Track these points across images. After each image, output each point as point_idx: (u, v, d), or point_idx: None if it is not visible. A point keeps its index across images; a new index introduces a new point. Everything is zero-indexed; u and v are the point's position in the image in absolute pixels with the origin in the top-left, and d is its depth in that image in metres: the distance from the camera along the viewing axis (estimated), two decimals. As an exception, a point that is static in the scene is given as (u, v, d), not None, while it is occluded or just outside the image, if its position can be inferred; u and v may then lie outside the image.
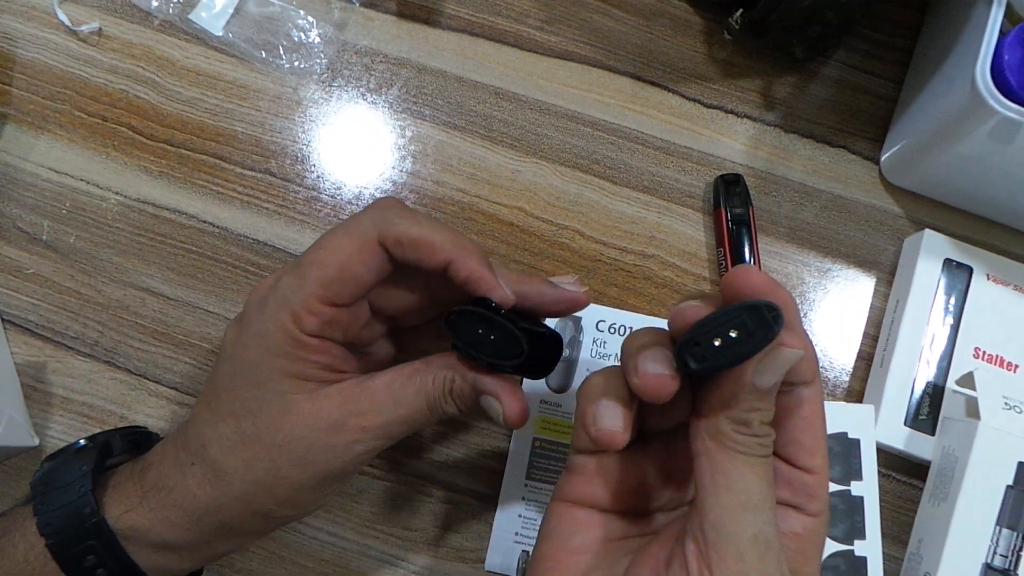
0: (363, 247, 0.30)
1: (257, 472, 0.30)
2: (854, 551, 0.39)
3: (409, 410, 0.30)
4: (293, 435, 0.30)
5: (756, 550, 0.24)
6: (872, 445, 0.40)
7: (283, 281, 0.30)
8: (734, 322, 0.24)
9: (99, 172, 0.45)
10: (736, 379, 0.25)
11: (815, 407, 0.27)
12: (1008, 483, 0.38)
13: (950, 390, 0.43)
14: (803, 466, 0.27)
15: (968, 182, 0.44)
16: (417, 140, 0.47)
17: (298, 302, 0.29)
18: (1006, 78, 0.37)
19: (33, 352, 0.43)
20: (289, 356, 0.30)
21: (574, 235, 0.46)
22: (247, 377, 0.30)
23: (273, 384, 0.30)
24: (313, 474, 0.30)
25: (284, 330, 0.29)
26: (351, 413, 0.30)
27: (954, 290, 0.44)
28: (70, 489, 0.31)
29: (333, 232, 0.31)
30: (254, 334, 0.30)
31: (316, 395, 0.30)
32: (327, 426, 0.30)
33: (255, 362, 0.30)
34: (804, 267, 0.46)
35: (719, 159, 0.47)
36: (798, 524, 0.27)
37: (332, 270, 0.30)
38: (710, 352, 0.24)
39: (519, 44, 0.48)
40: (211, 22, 0.47)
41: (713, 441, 0.25)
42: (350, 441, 0.30)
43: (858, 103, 0.48)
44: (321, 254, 0.30)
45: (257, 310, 0.30)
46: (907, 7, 0.49)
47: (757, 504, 0.24)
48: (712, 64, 0.48)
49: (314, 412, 0.30)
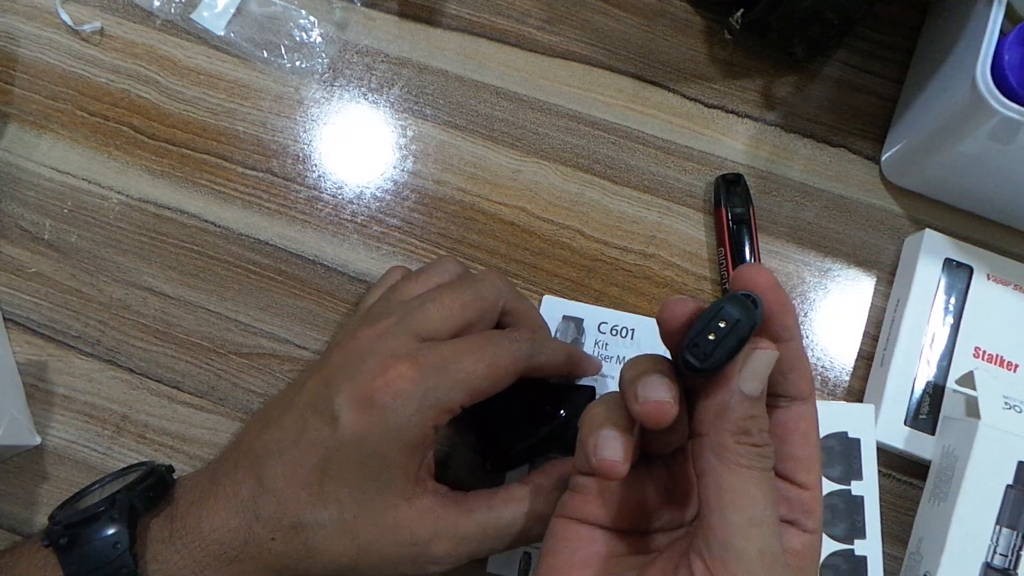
0: (509, 371, 0.33)
1: (340, 562, 0.31)
2: (854, 550, 0.39)
3: (490, 543, 0.33)
4: (383, 541, 0.31)
5: (763, 565, 0.24)
6: (872, 444, 0.40)
7: (432, 381, 0.31)
8: (721, 315, 0.25)
9: (101, 171, 0.45)
10: (725, 386, 0.25)
11: (811, 423, 0.27)
12: (1008, 483, 0.38)
13: (950, 389, 0.43)
14: (800, 482, 0.27)
15: (969, 182, 0.44)
16: (418, 140, 0.47)
17: (447, 404, 0.31)
18: (1006, 78, 0.37)
19: (35, 351, 0.43)
20: (415, 453, 0.31)
21: (575, 235, 0.46)
22: (367, 468, 0.31)
23: (391, 482, 0.31)
24: (388, 574, 0.32)
25: (424, 428, 0.31)
26: (436, 535, 0.31)
27: (954, 290, 0.44)
28: (110, 569, 0.29)
29: (490, 343, 0.33)
30: (391, 427, 0.30)
31: (412, 506, 0.31)
32: (413, 541, 0.31)
33: (383, 454, 0.31)
34: (805, 267, 0.46)
35: (720, 159, 0.47)
36: (797, 541, 0.27)
37: (486, 384, 0.32)
38: (709, 348, 0.25)
39: (520, 44, 0.48)
40: (213, 22, 0.47)
41: (717, 458, 0.25)
42: (428, 561, 0.31)
43: (858, 103, 0.48)
44: (480, 368, 0.32)
45: (402, 404, 0.31)
46: (908, 7, 0.49)
47: (763, 519, 0.24)
48: (713, 64, 0.49)
49: (406, 524, 0.31)
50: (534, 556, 0.41)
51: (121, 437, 0.42)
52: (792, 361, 0.27)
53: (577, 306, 0.45)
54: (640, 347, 0.44)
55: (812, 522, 0.27)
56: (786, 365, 0.26)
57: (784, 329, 0.26)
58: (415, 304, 0.34)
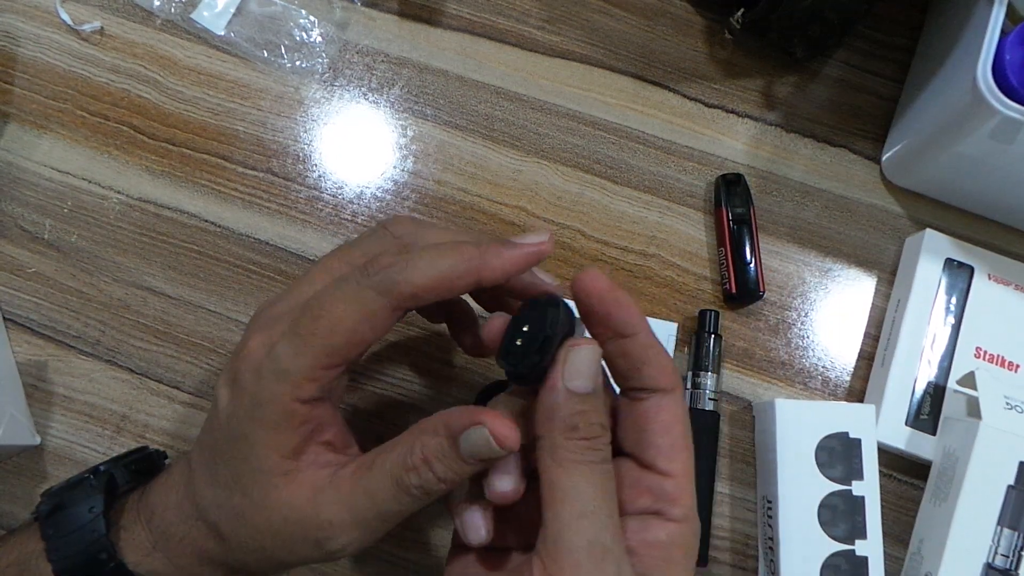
0: (372, 314, 0.27)
1: (249, 547, 0.29)
2: (855, 551, 0.39)
3: (375, 498, 0.28)
4: (272, 521, 0.28)
5: (592, 557, 0.24)
6: (873, 445, 0.40)
7: (280, 349, 0.28)
8: (524, 320, 0.27)
9: (101, 171, 0.45)
10: (551, 387, 0.26)
11: (673, 413, 0.28)
12: (1009, 483, 0.38)
13: (951, 390, 0.43)
14: (662, 470, 0.27)
15: (969, 182, 0.44)
16: (418, 140, 0.47)
17: (299, 372, 0.28)
18: (1007, 77, 0.37)
19: (35, 351, 0.43)
20: (280, 429, 0.28)
21: (575, 235, 0.46)
22: (238, 449, 0.29)
23: (258, 461, 0.28)
24: (297, 558, 0.29)
25: (280, 403, 0.28)
26: (319, 505, 0.28)
27: (955, 290, 0.44)
28: (83, 533, 0.30)
29: (332, 297, 0.28)
30: (247, 405, 0.28)
31: (291, 482, 0.28)
32: (298, 518, 0.28)
33: (246, 435, 0.28)
34: (805, 267, 0.46)
35: (720, 159, 0.47)
36: (662, 532, 0.27)
37: (339, 338, 0.27)
38: (519, 353, 0.26)
39: (520, 44, 0.48)
40: (213, 21, 0.47)
41: (550, 457, 0.26)
42: (320, 537, 0.28)
43: (859, 103, 0.48)
44: (325, 323, 0.27)
45: (252, 379, 0.28)
46: (908, 7, 0.49)
47: (593, 511, 0.25)
48: (713, 64, 0.49)
49: (286, 502, 0.28)
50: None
51: (121, 437, 0.42)
52: (642, 355, 0.27)
53: (577, 306, 0.45)
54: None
55: (678, 511, 0.27)
56: (637, 359, 0.27)
57: (627, 325, 0.27)
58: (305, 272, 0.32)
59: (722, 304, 0.45)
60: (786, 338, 0.45)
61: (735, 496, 0.43)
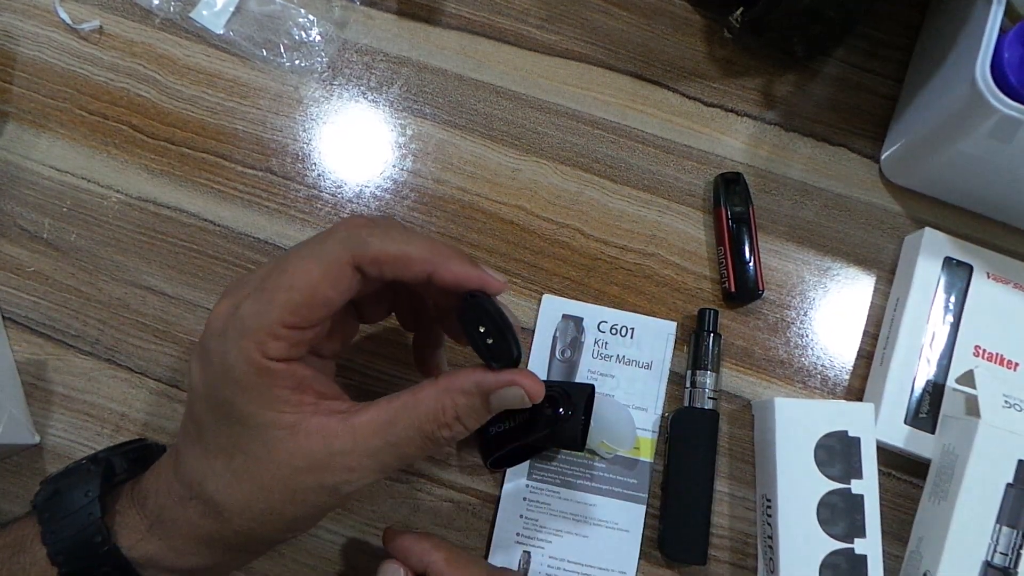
0: (334, 270, 0.29)
1: (254, 509, 0.30)
2: (854, 549, 0.39)
3: (399, 447, 0.30)
4: (280, 475, 0.29)
5: None
6: (872, 443, 0.40)
7: (244, 308, 0.29)
8: (481, 320, 0.31)
9: (100, 170, 0.45)
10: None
11: None
12: (1008, 481, 0.38)
13: (950, 388, 0.43)
14: None
15: (968, 180, 0.44)
16: (418, 139, 0.47)
17: (263, 329, 0.28)
18: (1006, 76, 0.37)
19: (34, 350, 0.43)
20: (258, 388, 0.28)
21: (575, 234, 0.46)
22: (225, 415, 0.29)
23: (252, 420, 0.29)
24: (308, 509, 0.30)
25: (249, 361, 0.28)
26: (335, 453, 0.29)
27: (954, 288, 0.44)
28: (78, 516, 0.31)
29: (298, 255, 0.29)
30: (218, 371, 0.29)
31: (297, 432, 0.29)
32: (310, 466, 0.29)
33: (228, 400, 0.29)
34: (804, 265, 0.46)
35: (719, 158, 0.47)
36: None
37: (300, 294, 0.28)
38: (495, 345, 0.31)
39: (519, 43, 0.48)
40: (212, 20, 0.47)
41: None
42: (337, 482, 0.29)
43: (858, 101, 0.48)
44: (287, 278, 0.29)
45: (217, 342, 0.29)
46: (908, 6, 0.49)
47: None
48: (712, 63, 0.49)
49: (296, 452, 0.29)
50: (534, 555, 0.41)
51: (120, 436, 0.42)
52: None
53: (577, 305, 0.45)
54: (640, 346, 0.44)
55: None
56: None
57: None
58: None
59: (721, 303, 0.45)
60: (785, 337, 0.45)
61: (734, 495, 0.43)
